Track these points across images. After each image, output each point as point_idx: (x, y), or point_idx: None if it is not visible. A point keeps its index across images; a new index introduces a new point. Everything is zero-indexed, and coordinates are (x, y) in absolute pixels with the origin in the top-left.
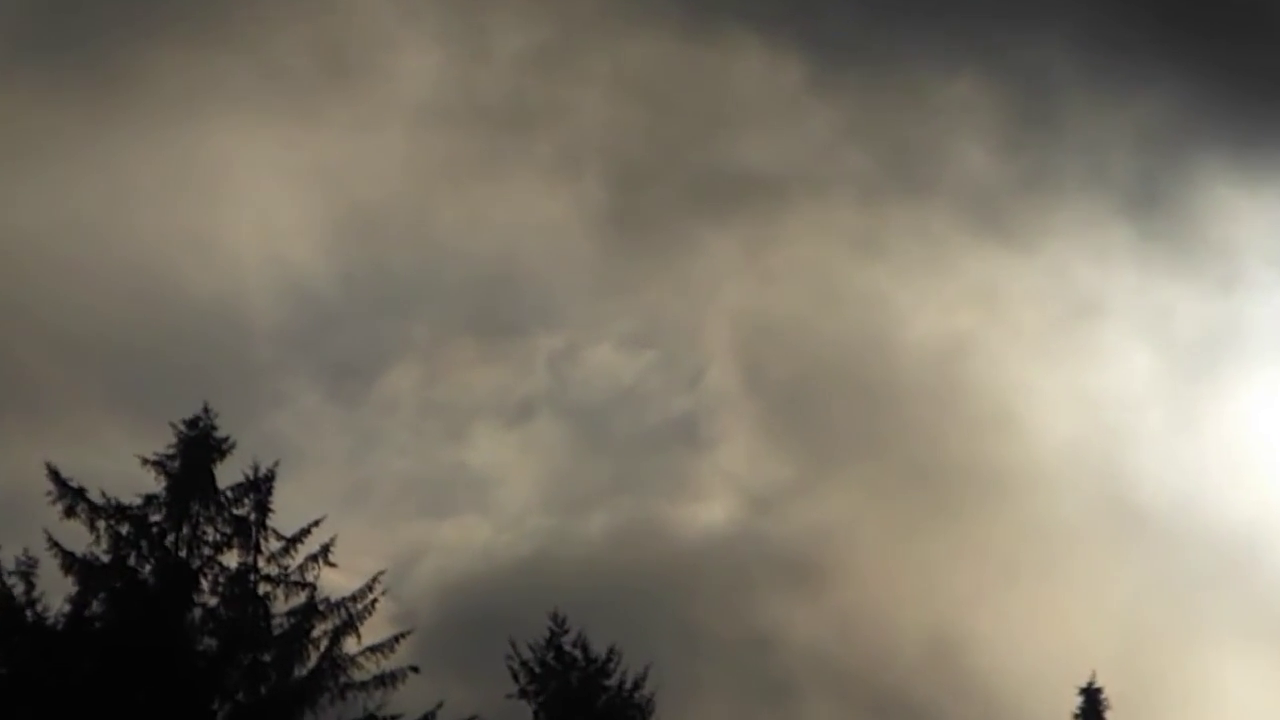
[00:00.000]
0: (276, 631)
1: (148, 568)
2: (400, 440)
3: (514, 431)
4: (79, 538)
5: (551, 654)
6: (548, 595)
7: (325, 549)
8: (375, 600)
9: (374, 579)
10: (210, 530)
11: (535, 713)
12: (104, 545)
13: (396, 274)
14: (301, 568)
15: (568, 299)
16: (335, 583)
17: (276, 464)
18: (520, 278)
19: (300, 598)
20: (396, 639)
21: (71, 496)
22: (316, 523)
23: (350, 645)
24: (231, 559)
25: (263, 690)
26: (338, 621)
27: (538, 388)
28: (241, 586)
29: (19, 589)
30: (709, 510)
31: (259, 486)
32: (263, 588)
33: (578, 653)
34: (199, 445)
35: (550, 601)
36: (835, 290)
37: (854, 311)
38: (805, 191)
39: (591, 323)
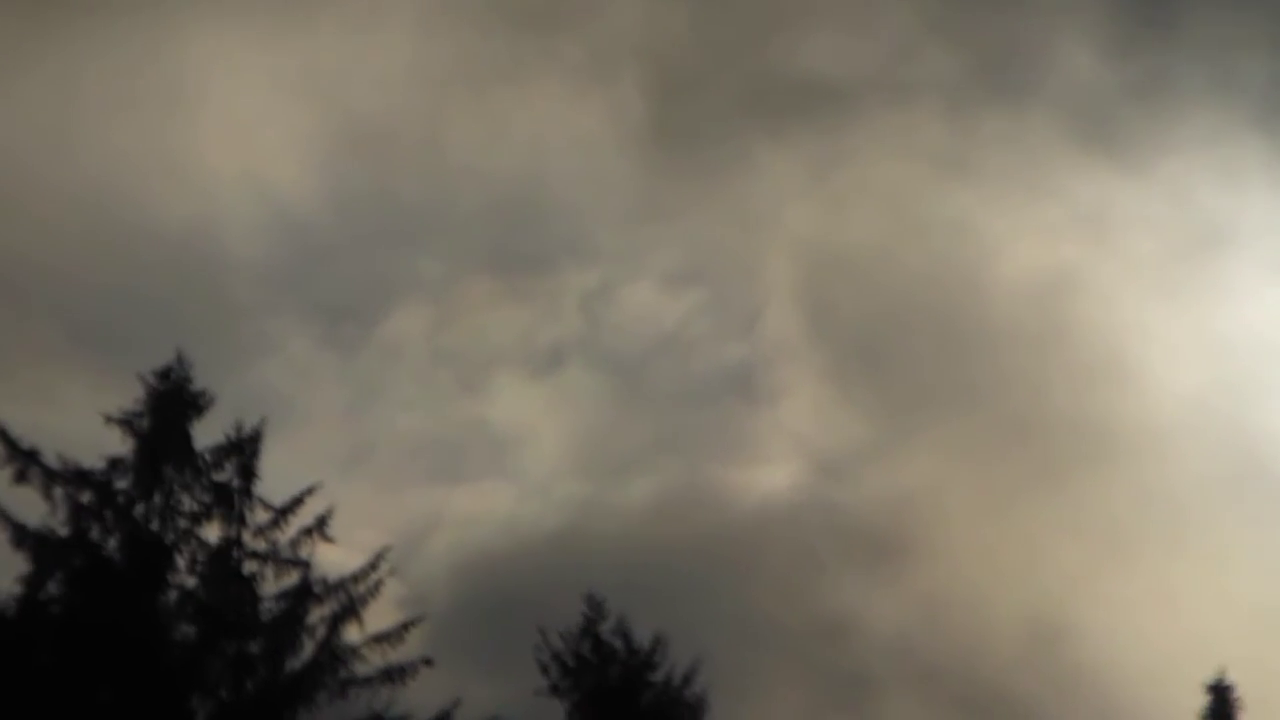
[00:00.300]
0: (265, 617)
1: (113, 542)
2: (407, 393)
3: (540, 383)
4: (32, 507)
5: (587, 644)
6: (582, 575)
7: (321, 521)
8: (380, 581)
9: (378, 556)
10: (186, 499)
11: (568, 712)
12: (62, 516)
13: (401, 199)
14: (294, 543)
15: (601, 228)
16: (333, 560)
17: (263, 422)
18: (546, 204)
19: (292, 578)
20: (405, 626)
21: (22, 459)
22: (311, 490)
23: (352, 633)
24: (212, 532)
25: (249, 685)
26: (336, 606)
27: (567, 332)
28: (224, 565)
29: None
30: (769, 475)
31: (243, 448)
32: (248, 566)
33: (618, 642)
34: (172, 400)
35: (585, 582)
36: (916, 217)
37: (938, 242)
38: (881, 100)
39: (629, 256)
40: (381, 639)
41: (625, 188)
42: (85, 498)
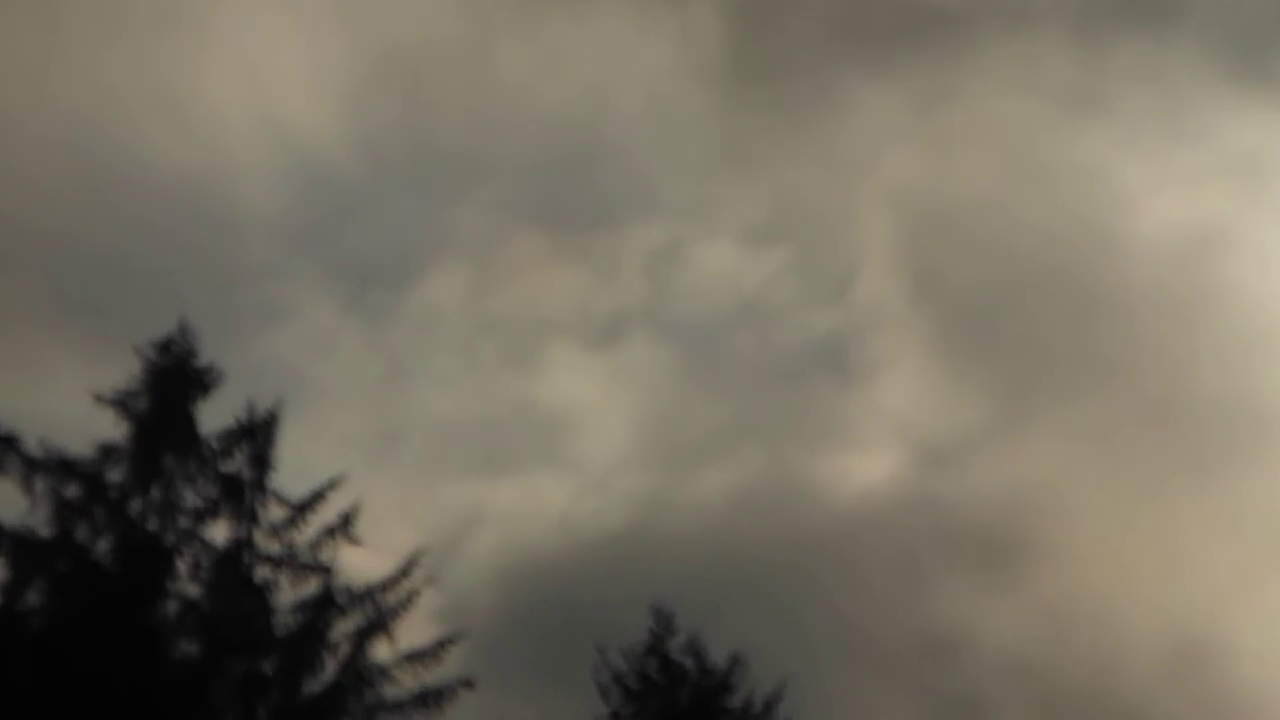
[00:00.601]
0: (280, 632)
1: (103, 544)
2: (445, 370)
3: (598, 358)
4: (11, 503)
5: (653, 664)
6: (647, 583)
7: (346, 519)
8: (414, 590)
9: (412, 560)
10: (189, 494)
11: None
12: (44, 514)
13: (438, 143)
14: (314, 545)
15: (670, 177)
16: (360, 566)
17: (279, 403)
18: (606, 148)
19: (312, 586)
20: (442, 644)
21: None
22: (334, 483)
23: (381, 651)
24: (219, 533)
25: (261, 711)
26: (363, 619)
27: (630, 298)
28: (232, 571)
29: None
30: (865, 465)
31: (255, 434)
32: (261, 572)
33: (689, 662)
34: (173, 377)
35: (651, 592)
36: (1038, 163)
37: (1063, 192)
38: (998, 26)
39: (703, 209)
40: (415, 658)
41: (698, 129)
42: (71, 491)
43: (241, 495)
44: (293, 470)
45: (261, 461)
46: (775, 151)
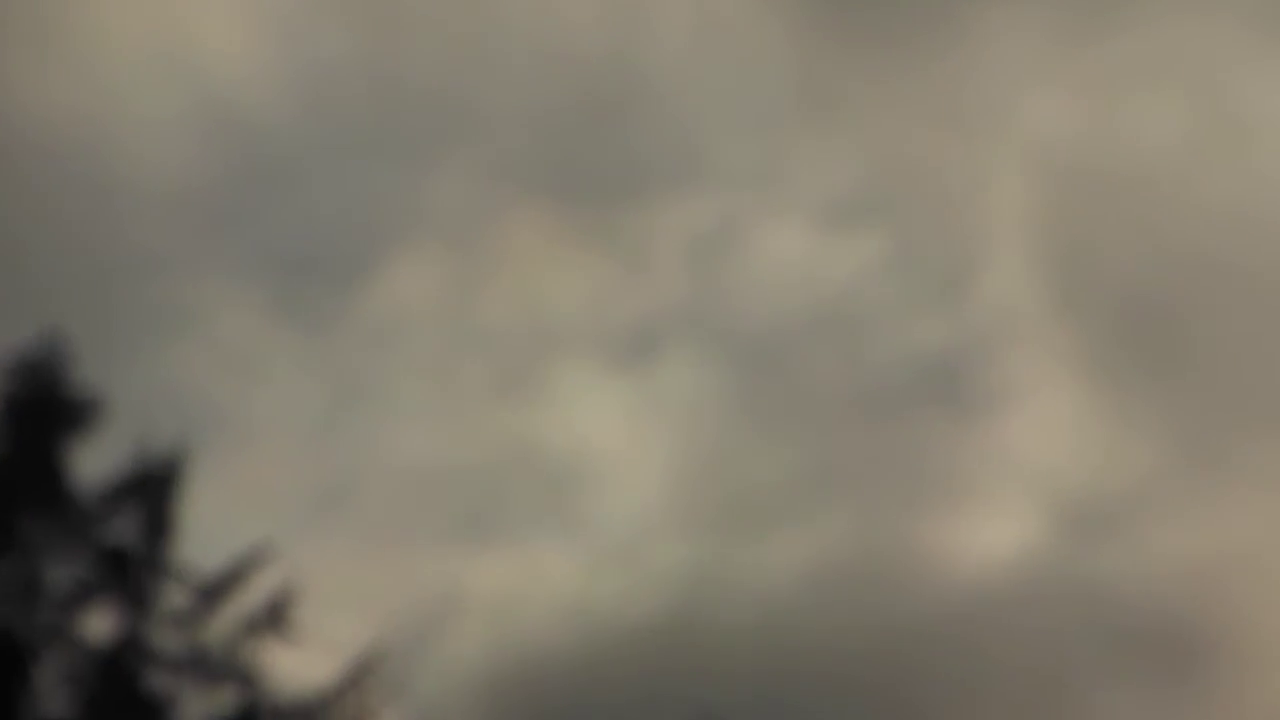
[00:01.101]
0: None
1: None
2: (412, 399)
3: (623, 381)
4: None
5: None
6: (690, 692)
7: (275, 606)
8: (370, 705)
9: (366, 662)
10: (58, 572)
11: None
12: None
13: (407, 87)
14: (230, 642)
15: (723, 134)
16: (295, 670)
17: (184, 446)
18: (636, 94)
19: (228, 699)
20: None
21: None
22: (259, 556)
23: None
24: (98, 624)
25: None
26: None
27: (668, 300)
28: (117, 678)
29: None
30: (990, 531)
31: (150, 489)
32: (157, 679)
33: None
34: (35, 411)
35: (696, 699)
36: (1234, 111)
37: (1270, 151)
38: None
39: (766, 177)
40: None
41: (763, 68)
42: None
43: (129, 574)
44: (203, 539)
45: (158, 527)
46: (868, 99)
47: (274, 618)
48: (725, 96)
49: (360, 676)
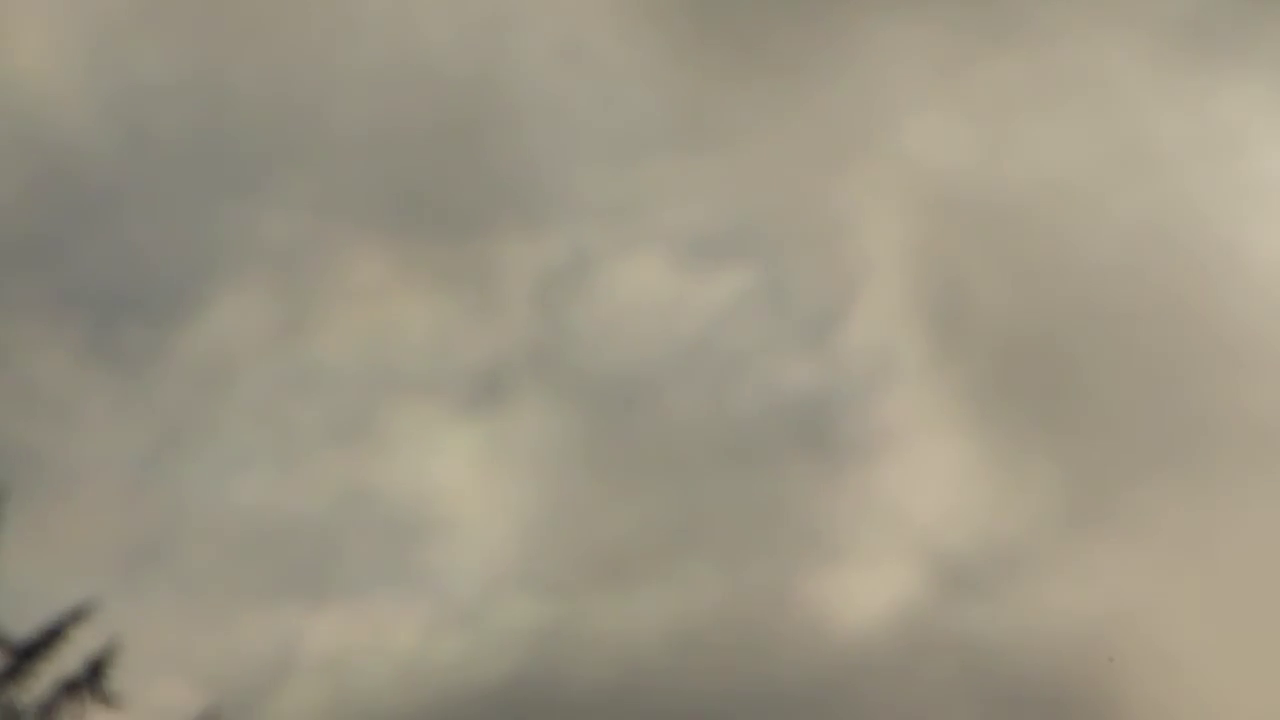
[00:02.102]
0: None
1: None
2: (240, 441)
3: (470, 425)
4: None
5: None
6: None
7: (96, 669)
8: None
9: None
10: None
11: None
12: None
13: (236, 109)
14: (46, 709)
15: (580, 161)
16: None
17: None
18: (488, 119)
19: None
20: None
21: None
22: (77, 615)
23: None
24: None
25: None
26: None
27: (517, 338)
28: None
29: None
30: (862, 589)
31: None
32: None
33: None
34: None
35: None
36: (1133, 136)
37: (1170, 181)
38: None
39: (624, 210)
40: None
41: (627, 94)
42: None
43: None
44: (14, 594)
45: None
46: (739, 127)
47: (93, 680)
48: (585, 123)
49: None
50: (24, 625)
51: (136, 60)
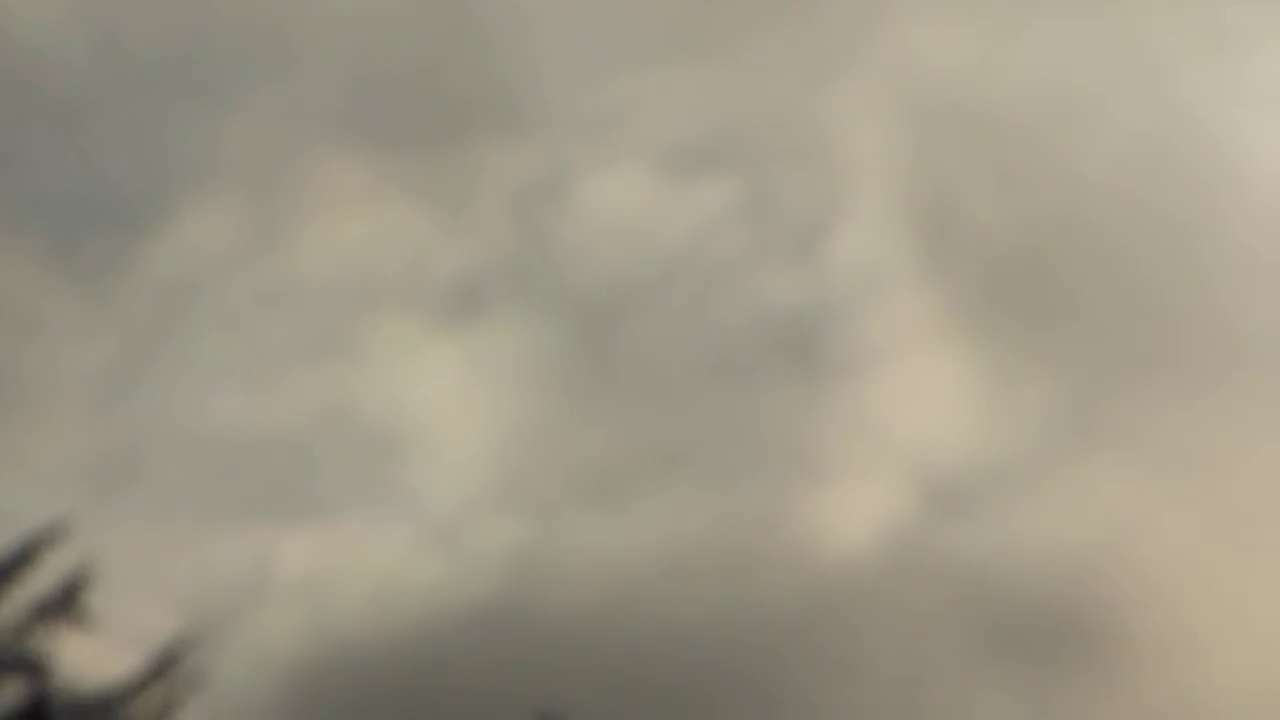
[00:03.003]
0: None
1: None
2: (211, 356)
3: (447, 341)
4: None
5: None
6: (520, 686)
7: (70, 589)
8: (174, 700)
9: (171, 653)
10: None
11: None
12: None
13: (205, 14)
14: (19, 630)
15: (556, 73)
16: (86, 659)
17: None
18: (462, 28)
19: (14, 692)
20: None
21: None
22: (51, 534)
23: None
24: None
25: None
26: None
27: (494, 252)
28: None
29: None
30: (850, 508)
31: None
32: None
33: None
34: None
35: (533, 697)
36: (1131, 46)
37: (1170, 87)
38: None
39: (602, 122)
40: None
41: (603, 3)
42: None
43: None
44: None
45: None
46: (719, 34)
47: (66, 602)
48: (561, 32)
49: (162, 667)
50: None
51: None
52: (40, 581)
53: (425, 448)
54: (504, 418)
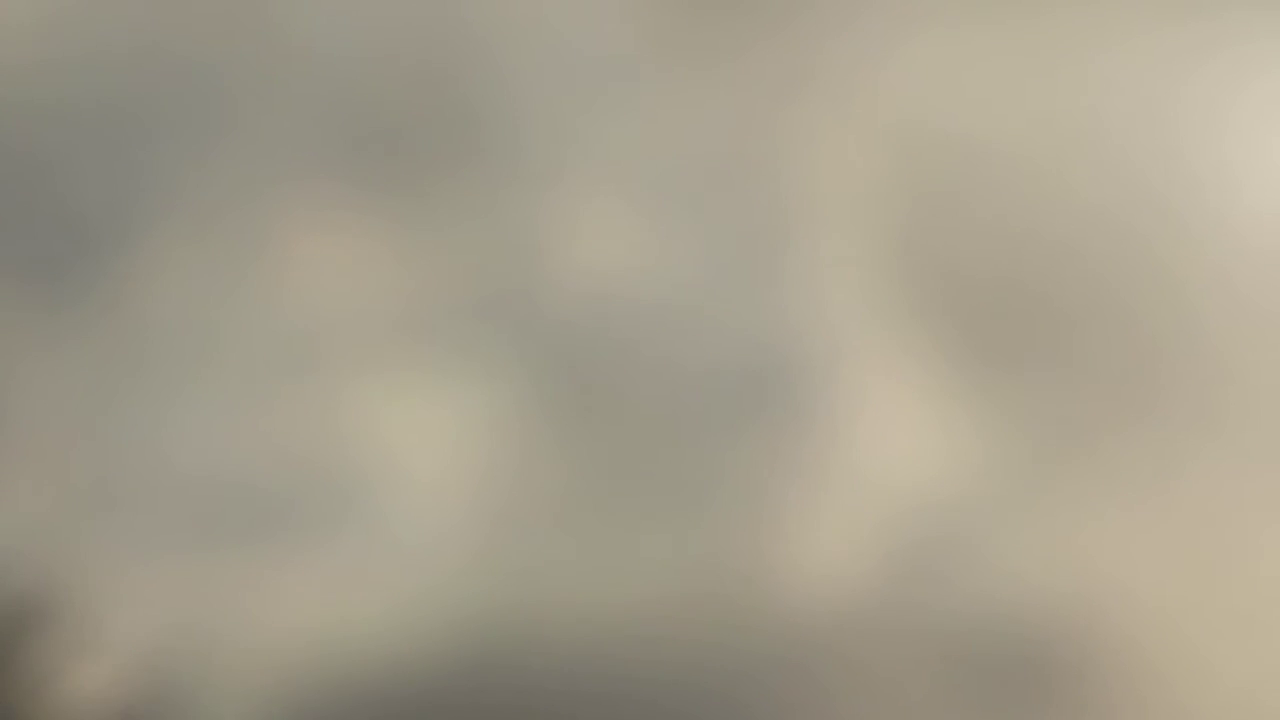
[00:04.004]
0: None
1: None
2: (181, 391)
3: (421, 377)
4: None
5: None
6: None
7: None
8: None
9: (137, 696)
10: None
11: None
12: None
13: (179, 22)
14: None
15: (512, 102)
16: (64, 691)
17: None
18: (438, 53)
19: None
20: None
21: None
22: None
23: None
24: None
25: None
26: None
27: (453, 289)
28: None
29: None
30: (817, 553)
31: None
32: None
33: None
34: None
35: None
36: (1111, 76)
37: (1149, 119)
38: None
39: (583, 149)
40: None
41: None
42: None
43: None
44: None
45: None
46: (688, 60)
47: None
48: (519, 61)
49: (140, 704)
50: None
51: None
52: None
53: (393, 487)
54: (478, 457)
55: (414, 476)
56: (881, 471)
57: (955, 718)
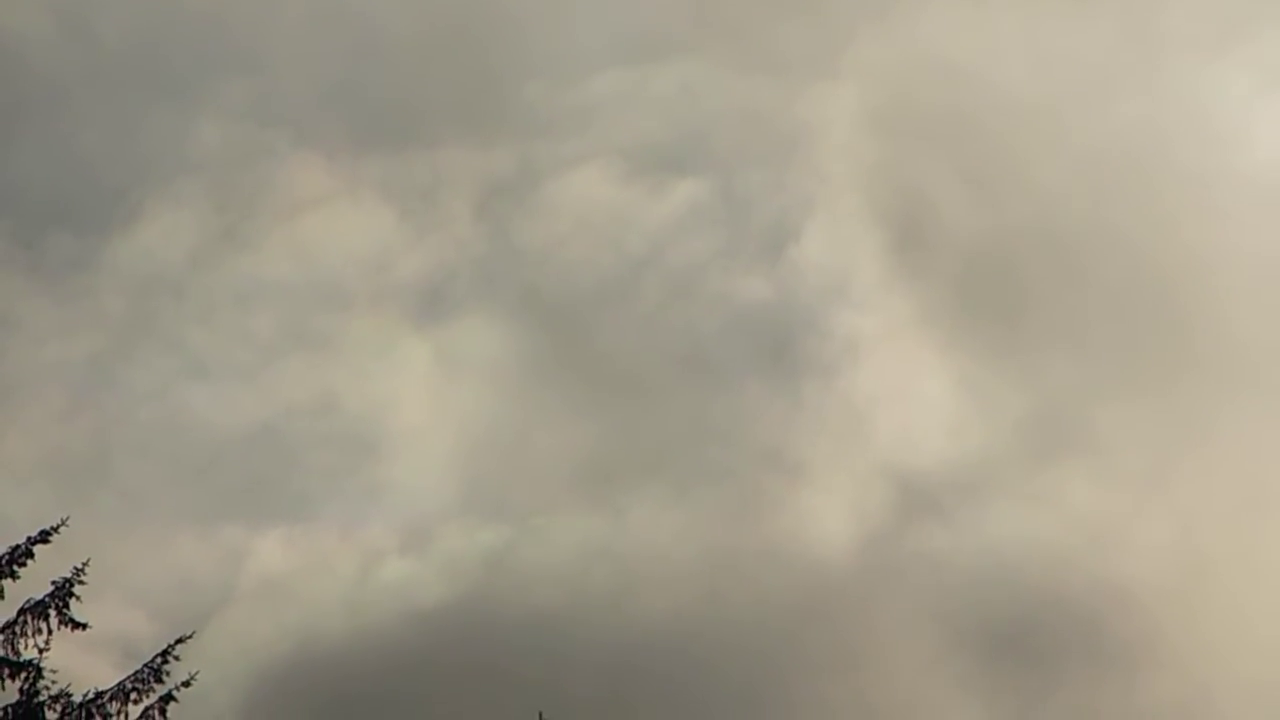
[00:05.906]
0: None
1: None
2: (178, 358)
3: (413, 342)
4: None
5: None
6: (500, 689)
7: (63, 588)
8: (164, 700)
9: (154, 659)
10: None
11: None
12: None
13: (176, 10)
14: (13, 628)
15: (526, 73)
16: (71, 659)
17: None
18: (432, 28)
19: (7, 694)
20: None
21: None
22: (46, 535)
23: None
24: None
25: None
26: None
27: (465, 253)
28: None
29: None
30: (824, 511)
31: None
32: None
33: None
34: None
35: (497, 701)
36: (1103, 56)
37: (1143, 97)
38: None
39: (574, 120)
40: None
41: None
42: None
43: None
44: None
45: None
46: (686, 31)
47: (60, 603)
48: (533, 27)
49: (148, 671)
50: None
51: None
52: (32, 580)
53: (396, 447)
54: (472, 419)
55: (416, 440)
56: (885, 425)
57: (955, 666)
